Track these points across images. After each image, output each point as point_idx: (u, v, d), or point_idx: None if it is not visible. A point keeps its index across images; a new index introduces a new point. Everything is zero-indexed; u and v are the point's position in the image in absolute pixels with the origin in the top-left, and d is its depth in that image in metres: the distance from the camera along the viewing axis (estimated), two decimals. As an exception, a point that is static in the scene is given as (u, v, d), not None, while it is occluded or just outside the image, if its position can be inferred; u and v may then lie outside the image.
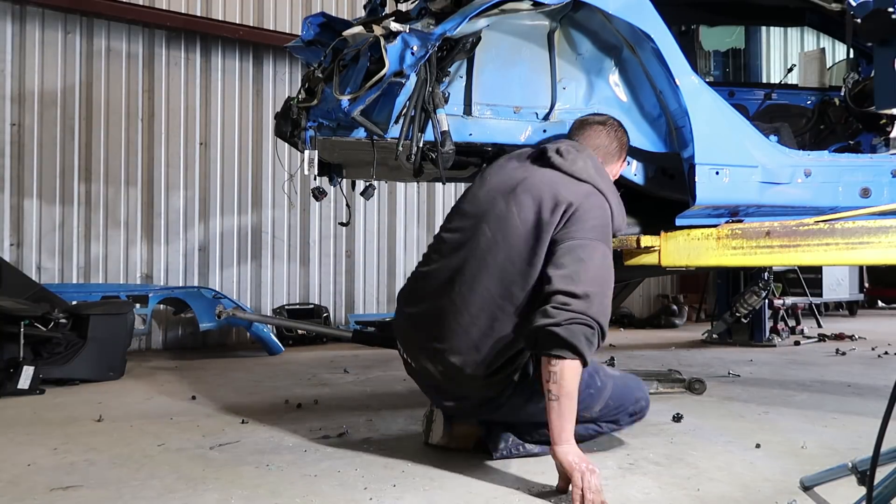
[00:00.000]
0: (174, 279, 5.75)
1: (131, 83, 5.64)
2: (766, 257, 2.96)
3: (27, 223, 5.26)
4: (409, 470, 2.20)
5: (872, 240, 2.87)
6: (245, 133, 6.08)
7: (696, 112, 2.83)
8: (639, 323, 7.63)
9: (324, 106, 2.93)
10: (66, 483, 2.09)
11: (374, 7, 3.20)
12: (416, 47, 2.58)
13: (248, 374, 4.34)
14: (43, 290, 4.19)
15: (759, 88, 4.52)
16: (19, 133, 5.25)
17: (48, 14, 5.33)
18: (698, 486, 2.03)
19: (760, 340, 5.83)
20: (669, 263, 3.01)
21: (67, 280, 5.35)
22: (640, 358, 4.96)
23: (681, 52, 2.83)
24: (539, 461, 2.28)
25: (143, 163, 5.68)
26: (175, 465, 2.27)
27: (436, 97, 2.74)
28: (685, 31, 4.76)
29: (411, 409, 3.15)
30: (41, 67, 5.32)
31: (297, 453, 2.40)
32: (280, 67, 6.23)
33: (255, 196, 6.11)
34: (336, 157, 3.53)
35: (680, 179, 3.04)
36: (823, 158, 3.09)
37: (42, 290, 4.21)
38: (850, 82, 3.64)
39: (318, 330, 4.20)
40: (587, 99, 3.01)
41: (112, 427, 2.84)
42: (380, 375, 4.21)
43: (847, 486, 1.55)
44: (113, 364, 4.08)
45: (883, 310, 10.21)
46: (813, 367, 4.49)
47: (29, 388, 3.51)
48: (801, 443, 2.48)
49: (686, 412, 2.93)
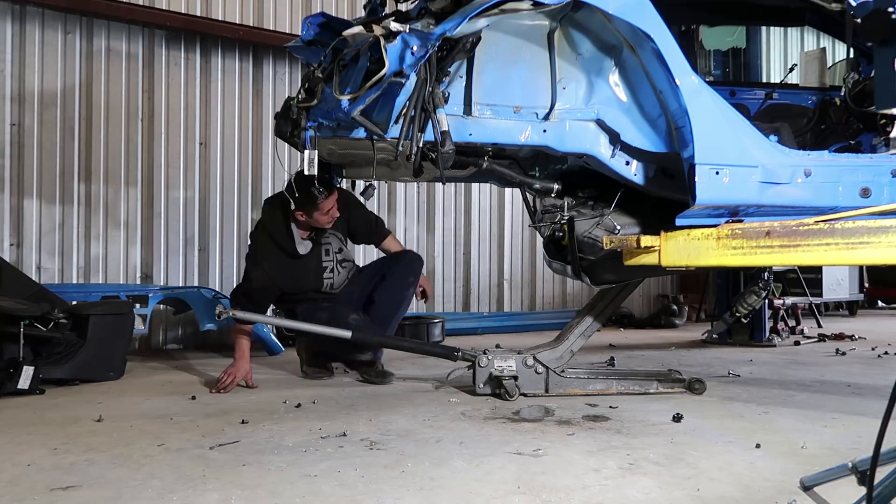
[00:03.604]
0: (174, 279, 5.75)
1: (131, 83, 5.64)
2: (766, 257, 2.96)
3: (27, 223, 5.26)
4: (409, 470, 2.20)
5: (872, 240, 2.87)
6: (245, 133, 6.08)
7: (696, 112, 2.83)
8: (639, 323, 7.63)
9: (324, 106, 2.94)
10: (66, 483, 2.09)
11: (374, 7, 3.20)
12: (416, 47, 2.59)
13: (248, 374, 4.33)
14: (43, 290, 4.19)
15: (760, 88, 4.52)
16: (19, 133, 5.25)
17: (48, 14, 5.33)
18: (698, 486, 2.03)
19: (760, 340, 5.83)
20: (669, 263, 3.01)
21: (67, 280, 5.35)
22: (640, 358, 4.96)
23: (681, 52, 2.84)
24: (539, 461, 2.29)
25: (143, 163, 5.68)
26: (175, 465, 2.27)
27: (436, 97, 2.74)
28: (685, 31, 4.76)
29: (411, 408, 3.15)
30: (41, 67, 5.32)
31: (297, 453, 2.40)
32: (280, 67, 6.23)
33: (255, 196, 6.10)
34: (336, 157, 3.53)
35: (680, 179, 3.04)
36: (823, 158, 3.09)
37: (42, 290, 4.21)
38: (850, 82, 3.64)
39: (318, 330, 4.17)
40: (587, 99, 3.02)
41: (112, 427, 2.84)
42: (380, 375, 4.20)
43: (847, 486, 1.55)
44: (113, 364, 4.08)
45: (883, 310, 10.21)
46: (813, 367, 4.49)
47: (29, 388, 3.51)
48: (801, 443, 2.48)
49: (686, 412, 2.93)
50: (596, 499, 1.93)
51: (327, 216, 3.79)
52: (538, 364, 3.43)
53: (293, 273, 3.90)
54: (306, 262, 3.92)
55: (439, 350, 3.68)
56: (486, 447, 2.46)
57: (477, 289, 7.16)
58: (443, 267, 7.04)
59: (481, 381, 3.42)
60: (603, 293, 3.72)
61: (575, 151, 3.07)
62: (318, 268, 3.98)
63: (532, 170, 3.51)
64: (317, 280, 3.99)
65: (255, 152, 6.12)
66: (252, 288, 3.83)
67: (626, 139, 3.02)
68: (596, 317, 3.66)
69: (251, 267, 3.88)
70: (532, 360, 3.43)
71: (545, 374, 3.43)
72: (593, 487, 2.02)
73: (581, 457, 2.34)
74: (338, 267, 4.03)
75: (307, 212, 3.74)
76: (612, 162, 3.09)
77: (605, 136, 3.05)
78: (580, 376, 3.51)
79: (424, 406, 3.21)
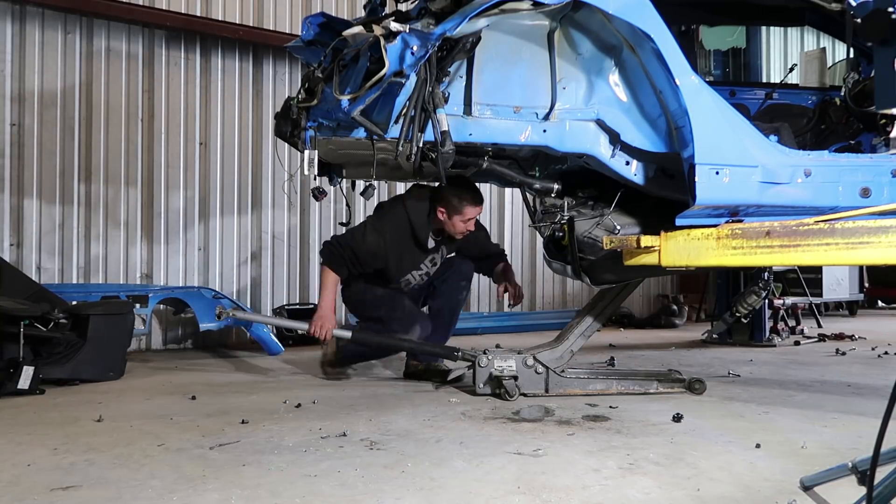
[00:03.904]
0: (174, 279, 5.75)
1: (131, 83, 5.64)
2: (766, 257, 2.96)
3: (27, 223, 5.26)
4: (409, 470, 2.20)
5: (872, 240, 2.87)
6: (245, 133, 6.08)
7: (696, 112, 2.83)
8: (639, 323, 7.63)
9: (324, 106, 2.94)
10: (66, 483, 2.09)
11: (374, 7, 3.20)
12: (416, 47, 2.59)
13: (248, 374, 4.34)
14: (43, 290, 4.19)
15: (760, 88, 4.52)
16: (19, 133, 5.25)
17: (48, 14, 5.33)
18: (698, 486, 2.03)
19: (760, 340, 5.83)
20: (669, 263, 3.01)
21: (67, 280, 5.35)
22: (640, 358, 4.96)
23: (681, 52, 2.84)
24: (539, 461, 2.29)
25: (143, 163, 5.68)
26: (175, 465, 2.27)
27: (436, 97, 2.74)
28: (685, 31, 4.76)
29: (411, 408, 3.15)
30: (41, 67, 5.32)
31: (297, 453, 2.40)
32: (280, 67, 6.23)
33: (255, 196, 6.11)
34: (336, 157, 3.53)
35: (680, 179, 3.04)
36: (823, 158, 3.09)
37: (42, 290, 4.21)
38: (850, 82, 3.64)
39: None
40: (587, 99, 3.02)
41: (112, 427, 2.84)
42: (380, 375, 4.21)
43: (847, 486, 1.55)
44: (113, 364, 4.08)
45: (883, 310, 10.21)
46: (813, 367, 4.49)
47: (29, 388, 3.51)
48: (801, 443, 2.48)
49: (686, 412, 2.93)
50: (596, 499, 1.93)
51: (464, 226, 3.71)
52: (538, 364, 3.43)
53: (404, 259, 3.82)
54: (412, 257, 3.84)
55: (439, 350, 3.68)
56: (486, 447, 2.46)
57: (477, 289, 7.15)
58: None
59: (481, 381, 3.42)
60: (603, 293, 3.72)
61: (575, 151, 3.07)
62: (411, 267, 3.89)
63: (532, 170, 3.51)
64: (405, 274, 3.89)
65: (255, 152, 6.12)
66: (361, 249, 3.69)
67: (626, 139, 3.02)
68: (596, 317, 3.66)
69: (371, 231, 3.73)
70: (532, 360, 3.43)
71: (545, 374, 3.43)
72: (593, 487, 2.02)
73: (581, 457, 2.34)
74: (424, 276, 3.98)
75: (450, 213, 3.67)
76: (612, 162, 3.09)
77: (605, 136, 3.05)
78: (580, 376, 3.51)
79: (424, 406, 3.21)
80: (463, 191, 3.66)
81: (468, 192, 3.67)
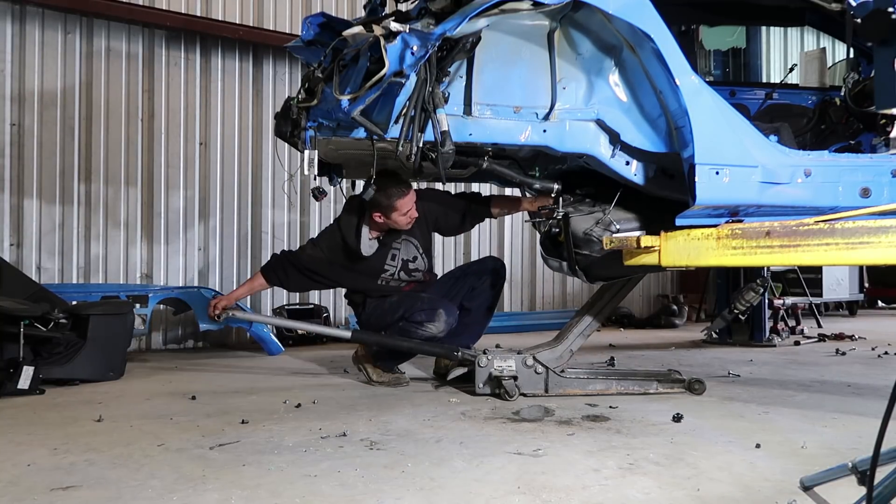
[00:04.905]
0: (174, 279, 5.75)
1: (131, 83, 5.64)
2: (766, 257, 2.96)
3: (27, 223, 5.26)
4: (409, 470, 2.20)
5: (872, 240, 2.86)
6: (245, 133, 6.08)
7: (696, 112, 2.83)
8: (638, 323, 7.63)
9: (324, 106, 2.94)
10: (66, 483, 2.09)
11: (374, 7, 3.20)
12: (416, 47, 2.59)
13: (248, 374, 4.34)
14: (43, 290, 4.19)
15: (760, 88, 4.53)
16: (19, 133, 5.25)
17: (48, 14, 5.33)
18: (698, 486, 2.03)
19: (760, 340, 5.83)
20: (669, 263, 3.01)
21: (67, 280, 5.35)
22: (639, 358, 4.96)
23: (681, 52, 2.84)
24: (539, 461, 2.29)
25: (143, 163, 5.68)
26: (175, 465, 2.27)
27: (436, 97, 2.74)
28: (685, 31, 4.76)
29: (411, 408, 3.15)
30: (41, 67, 5.32)
31: (297, 453, 2.40)
32: (280, 67, 6.23)
33: (255, 196, 6.11)
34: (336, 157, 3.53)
35: (680, 179, 3.04)
36: (823, 158, 3.09)
37: (42, 290, 4.21)
38: (850, 82, 3.64)
39: (318, 330, 4.19)
40: (587, 99, 3.02)
41: (112, 427, 2.84)
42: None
43: (847, 486, 1.55)
44: (113, 364, 4.08)
45: (883, 310, 10.20)
46: (813, 367, 4.49)
47: (29, 388, 3.51)
48: (801, 443, 2.48)
49: (686, 412, 2.93)
50: (596, 499, 1.93)
51: (406, 217, 3.58)
52: (538, 364, 3.43)
53: (349, 270, 3.79)
54: (367, 263, 3.75)
55: (439, 350, 3.68)
56: (486, 447, 2.46)
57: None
58: (442, 267, 7.02)
59: (481, 381, 3.42)
60: (602, 292, 3.72)
61: (575, 151, 3.07)
62: (378, 270, 3.78)
63: (532, 170, 3.51)
64: (371, 282, 3.81)
65: (255, 152, 6.12)
66: (299, 261, 3.79)
67: (626, 139, 3.02)
68: (595, 316, 3.66)
69: (310, 246, 3.83)
70: (532, 360, 3.43)
71: (545, 374, 3.43)
72: (593, 487, 2.02)
73: (581, 457, 2.34)
74: (400, 273, 3.81)
75: (386, 213, 3.55)
76: (612, 162, 3.09)
77: (605, 136, 3.06)
78: (580, 376, 3.51)
79: (424, 406, 3.21)
80: (385, 187, 3.49)
81: (391, 186, 3.51)
